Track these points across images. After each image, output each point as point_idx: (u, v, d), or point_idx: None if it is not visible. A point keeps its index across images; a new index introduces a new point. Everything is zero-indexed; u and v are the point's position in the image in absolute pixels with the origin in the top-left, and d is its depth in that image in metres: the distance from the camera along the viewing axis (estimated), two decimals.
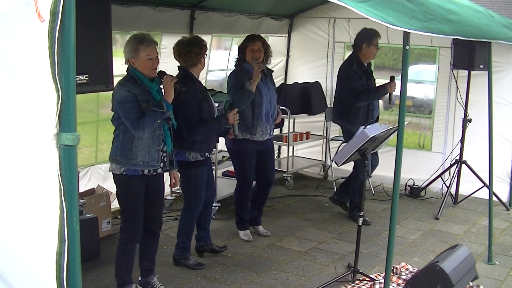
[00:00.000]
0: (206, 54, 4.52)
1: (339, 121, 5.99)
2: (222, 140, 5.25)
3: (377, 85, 5.86)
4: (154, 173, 3.88)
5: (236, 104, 4.79)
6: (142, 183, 3.84)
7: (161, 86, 3.90)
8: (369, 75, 5.74)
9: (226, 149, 5.58)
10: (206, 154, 4.55)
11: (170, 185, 4.26)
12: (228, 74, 5.33)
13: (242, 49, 5.08)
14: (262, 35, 5.34)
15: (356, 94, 5.58)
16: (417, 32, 3.06)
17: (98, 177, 5.52)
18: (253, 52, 5.00)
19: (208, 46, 6.33)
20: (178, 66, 4.47)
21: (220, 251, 4.91)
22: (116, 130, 3.82)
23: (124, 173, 3.79)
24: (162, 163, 3.90)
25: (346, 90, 5.66)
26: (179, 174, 4.28)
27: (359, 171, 5.61)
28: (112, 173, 3.86)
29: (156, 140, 3.81)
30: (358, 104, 5.60)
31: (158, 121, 3.73)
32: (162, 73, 3.90)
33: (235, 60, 5.19)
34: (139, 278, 4.17)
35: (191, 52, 4.36)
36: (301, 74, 7.63)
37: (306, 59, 7.68)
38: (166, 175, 4.12)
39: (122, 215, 4.03)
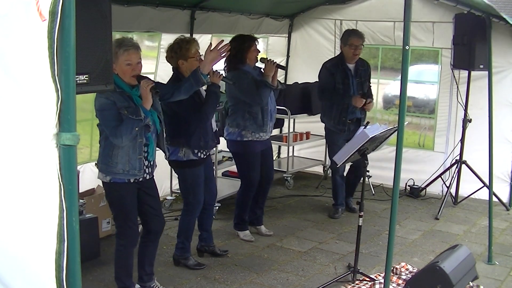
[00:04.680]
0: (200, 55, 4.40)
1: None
2: (222, 140, 5.24)
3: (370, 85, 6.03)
4: (142, 180, 3.78)
5: (259, 99, 4.85)
6: (132, 188, 3.75)
7: None
8: (347, 74, 5.72)
9: (226, 149, 5.58)
10: (201, 153, 4.43)
11: None
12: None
13: (243, 51, 4.92)
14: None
15: (320, 90, 5.84)
16: None
17: (92, 175, 5.47)
18: (256, 52, 4.98)
19: (207, 46, 6.36)
20: (173, 68, 4.45)
21: (221, 255, 4.87)
22: (100, 136, 3.72)
23: (111, 181, 3.70)
24: (145, 172, 3.76)
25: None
26: None
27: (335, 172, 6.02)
28: (101, 180, 3.78)
29: (137, 148, 3.65)
30: (320, 100, 5.89)
31: (136, 129, 3.55)
32: (141, 78, 3.67)
33: (227, 63, 5.01)
34: (138, 285, 4.05)
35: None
36: (301, 74, 7.62)
37: (307, 59, 7.66)
38: (160, 176, 4.03)
39: (115, 221, 3.92)
